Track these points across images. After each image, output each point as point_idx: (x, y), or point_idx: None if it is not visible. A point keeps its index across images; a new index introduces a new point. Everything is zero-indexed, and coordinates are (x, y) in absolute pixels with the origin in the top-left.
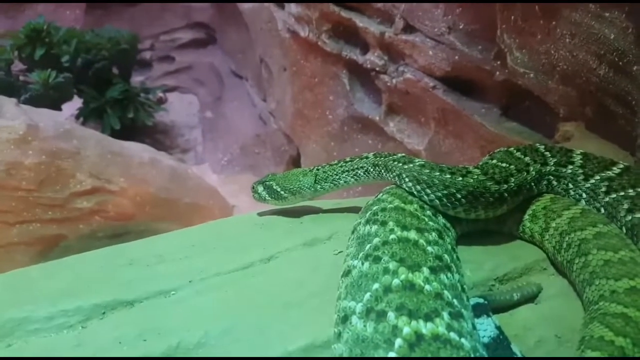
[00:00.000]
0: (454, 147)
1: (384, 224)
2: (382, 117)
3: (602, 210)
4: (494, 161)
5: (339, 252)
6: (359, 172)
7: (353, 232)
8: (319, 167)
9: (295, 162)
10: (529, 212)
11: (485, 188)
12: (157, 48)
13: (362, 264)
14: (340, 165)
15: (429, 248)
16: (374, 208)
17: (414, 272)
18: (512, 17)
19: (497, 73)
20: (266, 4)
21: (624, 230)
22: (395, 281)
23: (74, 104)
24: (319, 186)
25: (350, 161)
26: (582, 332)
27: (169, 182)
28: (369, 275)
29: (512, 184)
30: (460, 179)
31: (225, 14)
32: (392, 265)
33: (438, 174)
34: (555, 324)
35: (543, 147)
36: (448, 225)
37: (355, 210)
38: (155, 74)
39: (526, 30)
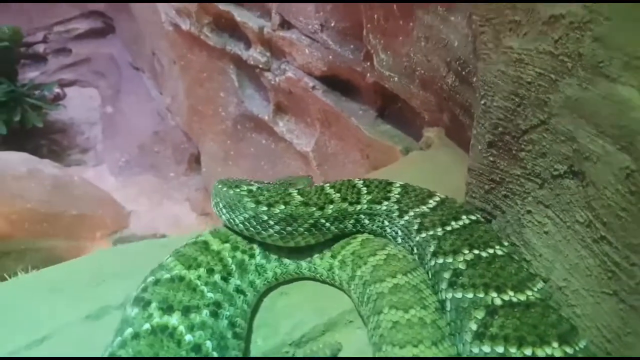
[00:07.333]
0: (339, 149)
1: (146, 305)
2: (271, 116)
3: (415, 250)
4: (295, 193)
5: None
6: None
7: (125, 309)
8: None
9: (198, 160)
10: (339, 257)
11: (240, 202)
12: (51, 40)
13: None
14: None
15: (188, 336)
16: (150, 279)
17: None
18: (375, 17)
19: (368, 75)
20: None
21: (430, 275)
22: None
23: None
24: None
25: None
26: None
27: (51, 193)
28: None
29: (277, 211)
30: (226, 189)
31: (118, 3)
32: None
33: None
34: None
35: (362, 182)
36: (242, 287)
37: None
38: (51, 68)
39: (389, 31)
